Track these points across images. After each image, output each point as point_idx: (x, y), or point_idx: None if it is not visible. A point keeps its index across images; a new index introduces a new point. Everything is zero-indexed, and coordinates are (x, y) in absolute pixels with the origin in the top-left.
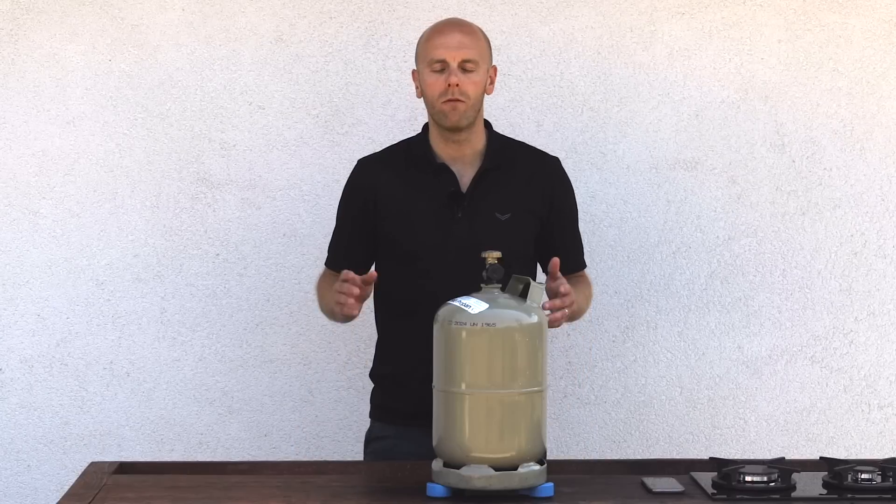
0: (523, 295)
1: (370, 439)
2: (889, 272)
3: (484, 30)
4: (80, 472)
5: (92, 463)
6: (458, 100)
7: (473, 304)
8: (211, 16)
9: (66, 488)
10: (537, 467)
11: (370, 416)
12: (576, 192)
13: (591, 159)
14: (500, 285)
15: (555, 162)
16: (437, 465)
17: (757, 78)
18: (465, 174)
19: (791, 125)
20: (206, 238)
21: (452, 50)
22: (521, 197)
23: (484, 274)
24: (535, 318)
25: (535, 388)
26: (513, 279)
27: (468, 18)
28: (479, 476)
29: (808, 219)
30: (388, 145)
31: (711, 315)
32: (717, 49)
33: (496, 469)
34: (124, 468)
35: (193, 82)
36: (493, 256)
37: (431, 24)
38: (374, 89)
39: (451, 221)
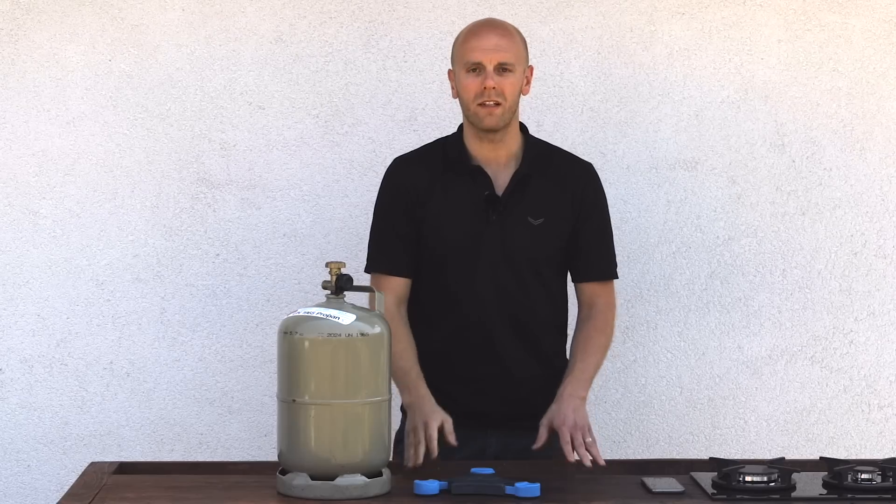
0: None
1: (399, 439)
2: (889, 272)
3: None
4: (80, 472)
5: (92, 463)
6: (495, 102)
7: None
8: (211, 16)
9: (66, 488)
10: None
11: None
12: None
13: (591, 159)
14: (345, 296)
15: (587, 167)
16: (302, 479)
17: (757, 78)
18: (500, 177)
19: (791, 125)
20: (206, 238)
21: (489, 52)
22: (554, 202)
23: (333, 284)
24: (377, 329)
25: (380, 398)
26: (355, 286)
27: (468, 19)
28: (355, 485)
29: (808, 219)
30: (422, 145)
31: (711, 315)
32: (717, 49)
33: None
34: (124, 468)
35: (193, 82)
36: (337, 268)
37: (467, 25)
38: (374, 89)
39: (485, 225)
